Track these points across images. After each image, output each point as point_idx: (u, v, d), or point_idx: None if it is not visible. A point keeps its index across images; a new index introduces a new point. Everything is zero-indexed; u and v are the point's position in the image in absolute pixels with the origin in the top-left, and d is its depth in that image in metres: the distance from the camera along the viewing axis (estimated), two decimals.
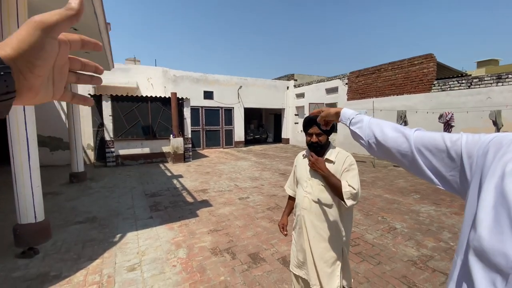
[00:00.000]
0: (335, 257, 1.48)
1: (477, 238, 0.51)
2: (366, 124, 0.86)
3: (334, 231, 1.49)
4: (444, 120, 6.88)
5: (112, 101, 8.36)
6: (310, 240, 1.51)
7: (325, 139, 1.51)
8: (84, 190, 5.61)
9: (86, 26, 3.61)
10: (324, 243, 1.49)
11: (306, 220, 1.54)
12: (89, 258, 2.79)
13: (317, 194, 1.51)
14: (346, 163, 1.48)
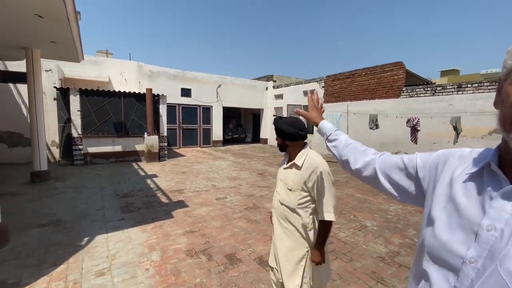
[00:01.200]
0: (298, 257, 1.50)
1: (431, 237, 0.57)
2: (341, 146, 0.96)
3: (298, 234, 1.51)
4: (411, 124, 7.34)
5: (81, 95, 7.85)
6: (276, 237, 1.56)
7: (280, 142, 1.58)
8: (48, 190, 5.21)
9: (53, 14, 3.35)
10: (288, 242, 1.52)
11: (274, 218, 1.60)
12: (52, 263, 2.59)
13: (283, 196, 1.54)
14: (314, 173, 1.44)
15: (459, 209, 0.55)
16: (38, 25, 3.67)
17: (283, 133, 1.53)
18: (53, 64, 8.31)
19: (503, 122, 0.49)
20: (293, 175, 1.52)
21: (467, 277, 0.49)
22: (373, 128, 8.72)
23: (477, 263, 0.48)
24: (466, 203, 0.54)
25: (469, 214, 0.52)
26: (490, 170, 0.54)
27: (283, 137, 1.55)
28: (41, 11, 3.17)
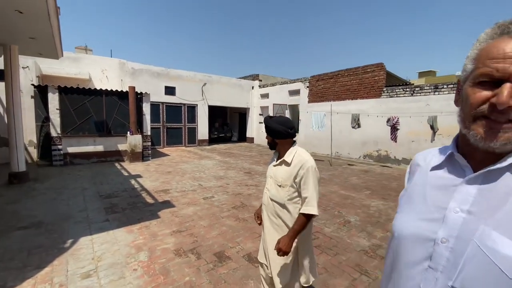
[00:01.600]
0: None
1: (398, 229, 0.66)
2: None
3: (287, 228, 1.58)
4: (391, 123, 7.67)
5: (60, 93, 7.53)
6: (266, 233, 1.63)
7: (270, 140, 1.66)
8: (27, 192, 4.99)
9: (33, 10, 3.22)
10: (277, 236, 1.58)
11: (264, 214, 1.66)
12: (36, 266, 2.52)
13: (273, 192, 1.61)
14: (302, 169, 1.52)
15: (425, 196, 0.62)
16: (17, 20, 3.51)
17: (274, 131, 1.59)
18: (30, 61, 7.92)
19: (463, 120, 0.56)
20: (282, 172, 1.59)
21: (441, 256, 0.54)
22: (355, 127, 9.02)
23: (448, 242, 0.53)
24: (433, 192, 0.61)
25: (436, 201, 0.59)
26: (453, 160, 0.61)
27: (273, 136, 1.61)
28: (22, 7, 3.04)
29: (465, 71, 0.57)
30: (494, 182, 0.52)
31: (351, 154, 10.11)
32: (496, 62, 0.49)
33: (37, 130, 7.95)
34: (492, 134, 0.50)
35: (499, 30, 0.52)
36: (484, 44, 0.54)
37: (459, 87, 0.61)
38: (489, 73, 0.50)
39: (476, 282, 0.49)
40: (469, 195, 0.54)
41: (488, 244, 0.48)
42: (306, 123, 11.70)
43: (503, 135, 0.50)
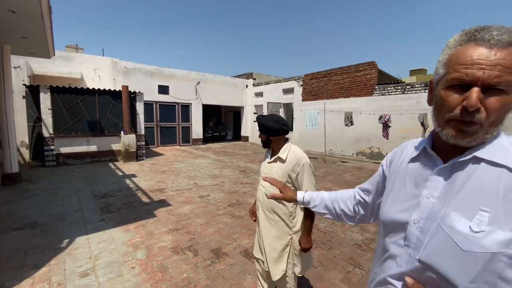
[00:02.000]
0: (283, 245, 1.64)
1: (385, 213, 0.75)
2: (327, 202, 1.02)
3: (283, 223, 1.64)
4: (383, 121, 7.81)
5: (52, 93, 7.42)
6: (262, 228, 1.68)
7: (264, 138, 1.69)
8: (21, 193, 4.93)
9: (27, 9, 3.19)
10: (274, 232, 1.65)
11: (260, 210, 1.71)
12: (34, 266, 2.53)
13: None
14: (297, 165, 1.58)
15: (405, 185, 0.71)
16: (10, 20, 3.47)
17: (270, 129, 1.63)
18: (21, 61, 7.78)
19: (437, 120, 0.63)
20: (277, 168, 1.64)
21: (412, 235, 0.64)
22: (348, 125, 9.15)
23: (419, 223, 0.63)
24: (411, 182, 0.70)
25: (411, 188, 0.69)
26: (426, 153, 0.69)
27: (268, 133, 1.65)
28: (15, 7, 3.01)
29: (438, 74, 0.63)
30: (459, 172, 0.61)
31: (345, 152, 10.26)
32: (465, 68, 0.55)
33: (29, 131, 7.83)
34: (462, 134, 0.58)
35: (466, 37, 0.58)
36: (454, 50, 0.59)
37: (432, 88, 0.68)
38: (460, 77, 0.56)
39: (436, 254, 0.58)
40: (439, 183, 0.63)
41: (447, 222, 0.58)
42: (300, 121, 11.80)
43: (471, 135, 0.57)
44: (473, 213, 0.55)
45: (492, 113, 0.54)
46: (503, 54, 0.52)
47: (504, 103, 0.54)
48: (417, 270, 0.62)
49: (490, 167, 0.57)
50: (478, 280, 0.53)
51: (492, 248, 0.51)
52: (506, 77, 0.52)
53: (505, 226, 0.52)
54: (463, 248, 0.54)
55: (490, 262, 0.52)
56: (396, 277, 0.67)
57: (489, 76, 0.53)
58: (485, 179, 0.56)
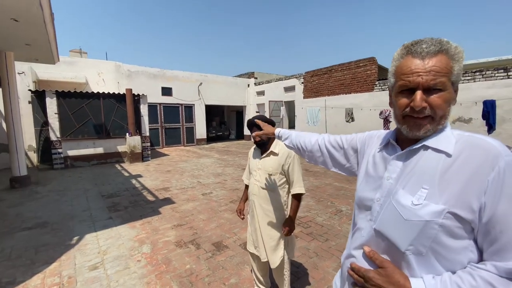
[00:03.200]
0: (279, 233, 1.78)
1: (358, 192, 0.88)
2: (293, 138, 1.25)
3: (279, 212, 1.79)
4: (384, 116, 7.84)
5: (57, 97, 7.65)
6: (260, 220, 1.80)
7: (265, 137, 1.79)
8: (30, 195, 5.14)
9: (29, 18, 3.35)
10: (271, 222, 1.78)
11: (256, 204, 1.82)
12: (44, 262, 2.69)
13: (264, 181, 1.79)
14: (289, 157, 1.77)
15: (374, 170, 0.84)
16: (13, 28, 3.63)
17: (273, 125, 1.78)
18: (26, 66, 8.03)
19: (396, 118, 0.77)
20: (271, 162, 1.78)
21: (375, 211, 0.76)
22: (349, 121, 9.19)
23: (380, 200, 0.76)
24: (377, 166, 0.83)
25: (378, 172, 0.81)
26: (391, 143, 0.82)
27: None
28: (17, 15, 3.17)
29: (390, 83, 0.78)
30: (412, 157, 0.73)
31: None
32: (407, 77, 0.68)
33: (36, 135, 8.08)
34: (415, 127, 0.70)
35: (405, 50, 0.71)
36: (398, 62, 0.73)
37: (390, 94, 0.82)
38: (405, 84, 0.69)
39: (386, 223, 0.72)
40: (397, 167, 0.75)
41: (395, 197, 0.71)
42: (302, 119, 11.86)
43: (423, 127, 0.69)
44: (416, 190, 0.67)
45: (437, 108, 0.67)
46: (433, 62, 0.66)
47: (444, 99, 0.67)
48: (373, 238, 0.75)
49: (433, 153, 0.69)
50: (415, 243, 0.65)
51: (426, 217, 0.63)
52: (440, 79, 0.65)
53: (439, 200, 0.63)
54: (404, 217, 0.67)
55: (424, 229, 0.64)
56: (358, 247, 0.80)
57: (426, 80, 0.66)
58: (428, 163, 0.69)
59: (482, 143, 0.65)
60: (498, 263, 0.59)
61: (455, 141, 0.68)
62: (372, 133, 0.97)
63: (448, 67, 0.66)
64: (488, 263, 0.61)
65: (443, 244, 0.63)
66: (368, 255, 0.73)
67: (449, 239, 0.63)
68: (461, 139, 0.68)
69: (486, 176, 0.60)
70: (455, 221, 0.62)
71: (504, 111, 6.45)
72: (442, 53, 0.66)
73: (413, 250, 0.66)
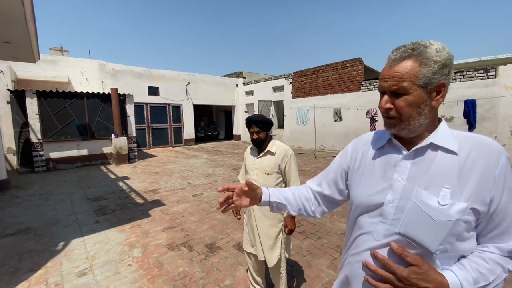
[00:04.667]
0: (277, 232, 1.80)
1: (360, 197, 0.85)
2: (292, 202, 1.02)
3: None
4: (370, 115, 8.03)
5: (38, 97, 7.33)
6: (257, 220, 1.80)
7: (264, 135, 1.82)
8: (10, 199, 4.90)
9: (9, 15, 3.19)
10: (268, 221, 1.79)
11: None
12: (29, 269, 2.57)
13: (261, 181, 1.79)
14: (285, 157, 1.80)
15: (374, 173, 0.82)
16: None
17: (269, 125, 1.80)
18: (4, 65, 7.63)
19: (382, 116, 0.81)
20: (268, 161, 1.79)
21: (388, 213, 0.74)
22: (337, 120, 9.35)
23: (394, 203, 0.74)
24: (380, 168, 0.82)
25: (382, 174, 0.80)
26: (391, 144, 0.82)
27: (268, 129, 1.81)
28: None
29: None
30: (421, 157, 0.74)
31: (335, 147, 10.47)
32: (380, 81, 0.77)
33: (16, 137, 7.71)
34: (388, 125, 0.78)
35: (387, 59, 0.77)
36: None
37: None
38: (379, 88, 0.78)
39: (413, 225, 0.70)
40: (406, 167, 0.76)
41: (420, 199, 0.70)
42: (291, 119, 11.95)
43: (393, 126, 0.76)
44: (438, 190, 0.69)
45: (401, 110, 0.72)
46: (396, 68, 0.72)
47: (407, 102, 0.71)
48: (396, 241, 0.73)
49: (446, 154, 0.71)
50: (444, 242, 0.67)
51: (455, 216, 0.66)
52: (401, 84, 0.70)
53: (461, 198, 0.67)
54: (435, 218, 0.67)
55: (453, 227, 0.66)
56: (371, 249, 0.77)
57: (389, 85, 0.73)
58: (444, 163, 0.71)
59: (486, 142, 0.71)
60: (499, 244, 0.69)
61: (459, 140, 0.72)
62: (356, 141, 0.95)
63: (413, 71, 0.69)
64: (490, 246, 0.70)
65: (462, 238, 0.68)
66: (397, 252, 0.71)
67: (466, 232, 0.68)
68: (465, 139, 0.72)
69: (494, 171, 0.67)
70: (473, 216, 0.67)
71: (484, 110, 6.76)
72: (409, 58, 0.70)
73: (441, 250, 0.68)
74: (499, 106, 6.61)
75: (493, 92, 6.66)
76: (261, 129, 1.79)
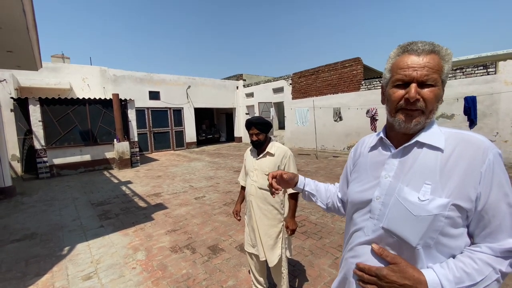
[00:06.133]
0: (277, 232, 1.83)
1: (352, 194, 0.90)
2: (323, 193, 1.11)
3: (276, 211, 1.84)
4: (370, 114, 8.04)
5: (41, 104, 7.42)
6: (257, 220, 1.84)
7: (263, 137, 1.85)
8: (16, 206, 4.96)
9: (12, 24, 3.26)
10: (268, 221, 1.82)
11: (253, 204, 1.85)
12: (36, 274, 2.62)
13: (261, 182, 1.82)
14: (285, 157, 1.83)
15: (368, 169, 0.87)
16: None
17: (268, 126, 1.84)
18: (7, 74, 7.75)
19: (389, 111, 0.80)
20: (268, 162, 1.83)
21: (375, 208, 0.78)
22: (337, 120, 9.37)
23: (381, 198, 0.77)
24: (372, 167, 0.86)
25: (374, 172, 0.84)
26: (382, 142, 0.86)
27: (267, 131, 1.85)
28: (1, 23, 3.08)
29: (385, 78, 0.82)
30: (408, 154, 0.77)
31: (336, 147, 10.48)
32: (404, 71, 0.73)
33: (20, 144, 7.81)
34: (408, 118, 0.74)
35: (401, 49, 0.76)
36: (394, 60, 0.78)
37: (383, 91, 0.86)
38: (401, 78, 0.74)
39: (395, 220, 0.73)
40: (393, 165, 0.79)
41: (401, 195, 0.73)
42: (291, 120, 11.98)
43: (414, 118, 0.74)
44: (419, 186, 0.71)
45: (428, 101, 0.72)
46: (427, 59, 0.71)
47: (434, 94, 0.72)
48: (381, 236, 0.76)
49: (430, 151, 0.73)
50: (425, 237, 0.68)
51: (434, 211, 0.67)
52: (432, 75, 0.70)
53: (442, 194, 0.68)
54: (414, 213, 0.69)
55: (433, 222, 0.67)
56: (362, 244, 0.81)
57: (420, 75, 0.71)
58: (427, 160, 0.73)
59: (472, 139, 0.71)
60: (492, 244, 0.67)
61: (445, 137, 0.74)
62: (358, 143, 1.02)
63: (440, 65, 0.71)
64: (482, 245, 0.68)
65: (446, 234, 0.68)
66: (378, 253, 0.74)
67: (451, 228, 0.68)
68: (451, 136, 0.74)
69: (479, 168, 0.68)
70: (457, 212, 0.67)
71: (484, 106, 6.75)
72: (434, 53, 0.72)
73: (423, 244, 0.69)
74: (499, 102, 6.60)
75: (494, 88, 6.65)
76: (260, 131, 1.82)
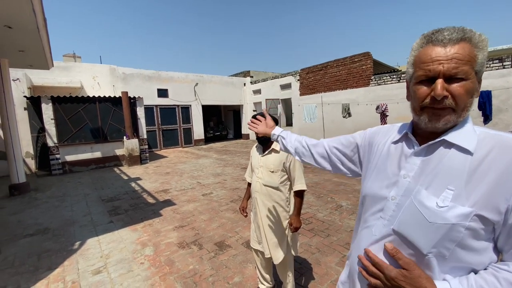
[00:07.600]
0: (282, 229, 1.81)
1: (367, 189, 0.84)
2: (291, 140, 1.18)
3: (281, 208, 1.82)
4: (380, 110, 7.88)
5: (53, 103, 7.61)
6: (262, 217, 1.82)
7: None
8: (29, 202, 5.12)
9: (22, 24, 3.33)
10: (273, 219, 1.81)
11: (258, 200, 1.84)
12: (48, 268, 2.69)
13: (266, 178, 1.81)
14: (290, 155, 1.78)
15: (387, 165, 0.79)
16: (6, 35, 3.61)
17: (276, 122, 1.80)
18: (20, 73, 7.96)
19: (414, 109, 0.73)
20: (273, 159, 1.80)
21: (388, 209, 0.72)
22: (346, 116, 9.22)
23: (396, 199, 0.71)
24: (392, 163, 0.78)
25: (392, 168, 0.77)
26: (407, 138, 0.78)
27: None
28: (10, 22, 3.15)
29: (408, 73, 0.74)
30: (432, 154, 0.69)
31: None
32: (427, 65, 0.65)
33: (33, 141, 8.04)
34: (435, 117, 0.66)
35: (425, 39, 0.67)
36: (417, 52, 0.69)
37: (408, 86, 0.78)
38: (425, 74, 0.66)
39: (407, 224, 0.68)
40: (415, 164, 0.71)
41: (418, 198, 0.67)
42: (299, 116, 11.88)
43: (443, 117, 0.65)
44: (440, 191, 0.64)
45: (458, 98, 0.63)
46: (455, 49, 0.62)
47: (466, 88, 0.63)
48: (389, 238, 0.71)
49: (458, 153, 0.65)
50: (438, 245, 0.62)
51: (452, 220, 0.60)
52: (462, 67, 0.61)
53: (465, 202, 0.61)
54: (429, 220, 0.63)
55: (449, 232, 0.61)
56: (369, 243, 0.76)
57: (448, 68, 0.62)
58: (454, 163, 0.65)
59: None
60: None
61: (480, 139, 0.65)
62: (377, 129, 0.93)
63: (472, 55, 0.62)
64: (511, 264, 0.60)
65: (467, 246, 0.61)
66: (391, 253, 0.68)
67: (473, 240, 0.61)
68: (487, 137, 0.65)
69: None
70: (480, 223, 0.60)
71: (500, 101, 6.50)
72: (465, 40, 0.62)
73: (435, 253, 0.63)
74: None
75: (510, 83, 6.39)
76: None
